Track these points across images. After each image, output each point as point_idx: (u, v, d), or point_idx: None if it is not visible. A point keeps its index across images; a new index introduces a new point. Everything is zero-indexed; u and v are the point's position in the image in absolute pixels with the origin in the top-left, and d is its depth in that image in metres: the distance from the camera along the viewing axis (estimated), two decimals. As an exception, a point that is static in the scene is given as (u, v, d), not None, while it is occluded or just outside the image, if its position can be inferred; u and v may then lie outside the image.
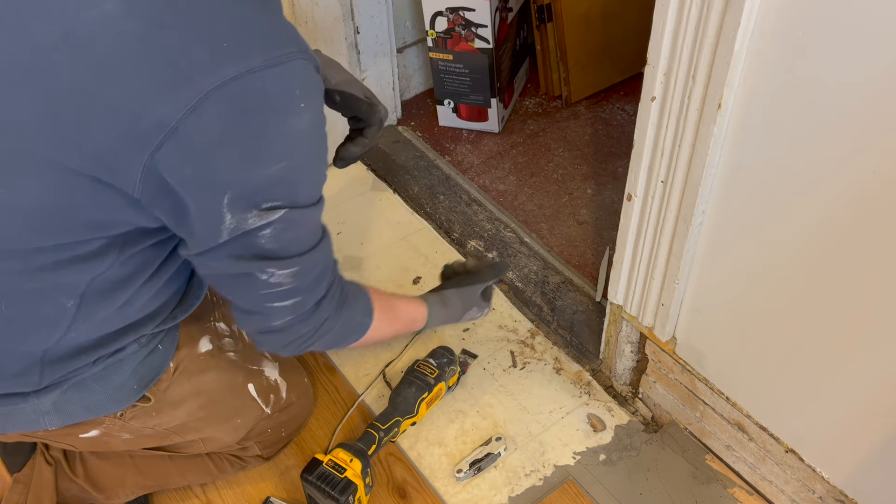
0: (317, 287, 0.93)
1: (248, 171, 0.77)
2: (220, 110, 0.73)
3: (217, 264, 0.85)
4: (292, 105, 0.77)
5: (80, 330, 0.91)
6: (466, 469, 1.30)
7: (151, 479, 1.22)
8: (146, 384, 1.02)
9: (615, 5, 1.92)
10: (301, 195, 0.83)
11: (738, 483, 1.28)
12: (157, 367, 1.03)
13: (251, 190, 0.78)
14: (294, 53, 0.77)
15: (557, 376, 1.46)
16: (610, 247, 1.63)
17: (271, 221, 0.81)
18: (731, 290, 1.10)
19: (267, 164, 0.77)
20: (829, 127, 0.86)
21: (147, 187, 0.77)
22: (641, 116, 1.05)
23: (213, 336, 1.12)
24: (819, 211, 0.92)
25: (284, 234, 0.83)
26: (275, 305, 0.90)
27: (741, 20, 0.85)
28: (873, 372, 0.97)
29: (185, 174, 0.75)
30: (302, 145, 0.80)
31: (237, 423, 1.16)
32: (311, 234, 0.88)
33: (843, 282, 0.94)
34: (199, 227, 0.81)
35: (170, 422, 1.08)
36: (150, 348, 1.01)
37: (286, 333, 0.94)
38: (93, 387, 0.97)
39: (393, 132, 1.96)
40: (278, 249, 0.84)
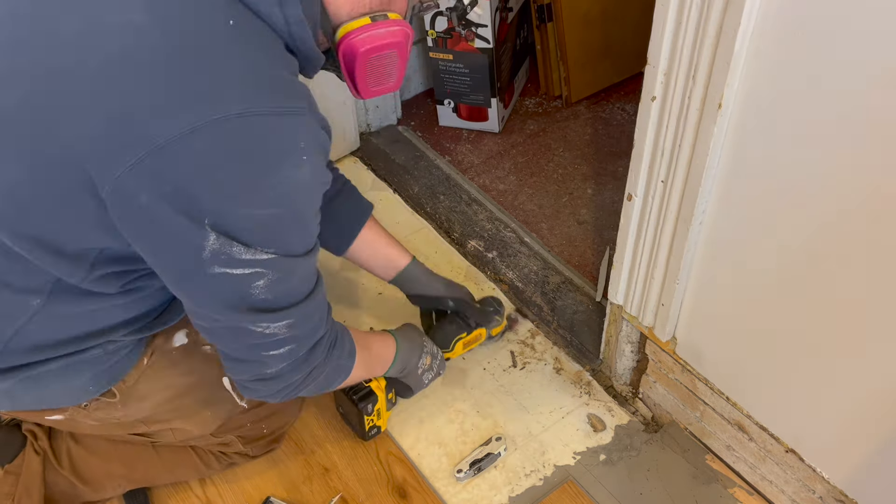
0: (312, 335, 0.92)
1: (233, 204, 0.76)
2: (214, 142, 0.73)
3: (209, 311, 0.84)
4: (294, 156, 0.77)
5: (40, 325, 0.90)
6: (467, 469, 1.30)
7: (138, 473, 1.22)
8: (104, 386, 1.01)
9: (615, 5, 1.92)
10: (294, 244, 0.83)
11: (738, 483, 1.28)
12: (118, 372, 1.02)
13: (235, 224, 0.77)
14: (303, 109, 0.78)
15: (557, 376, 1.46)
16: (610, 247, 1.63)
17: (262, 262, 0.79)
18: (731, 290, 1.10)
19: (256, 206, 0.77)
20: (830, 126, 0.86)
21: (115, 199, 0.75)
22: (641, 116, 1.05)
23: (190, 329, 1.10)
24: (819, 211, 0.92)
25: (278, 285, 0.83)
26: (270, 354, 0.89)
27: (741, 20, 0.85)
28: (873, 372, 0.97)
29: (164, 192, 0.74)
30: (296, 196, 0.80)
31: (206, 416, 1.15)
32: (303, 282, 0.88)
33: (844, 281, 0.94)
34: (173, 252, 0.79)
35: (136, 413, 1.08)
36: (115, 357, 0.99)
37: (278, 381, 0.93)
38: (48, 382, 0.96)
39: (393, 132, 1.96)
40: (272, 300, 0.83)
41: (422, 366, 1.28)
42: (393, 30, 0.87)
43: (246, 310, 0.82)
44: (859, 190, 0.87)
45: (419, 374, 1.29)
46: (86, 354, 0.96)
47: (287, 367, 0.91)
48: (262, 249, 0.79)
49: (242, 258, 0.78)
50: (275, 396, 0.95)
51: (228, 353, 0.91)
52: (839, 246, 0.93)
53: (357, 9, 0.87)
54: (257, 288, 0.81)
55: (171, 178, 0.73)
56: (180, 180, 0.73)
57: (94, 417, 1.05)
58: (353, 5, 0.87)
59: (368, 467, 1.33)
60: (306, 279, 0.88)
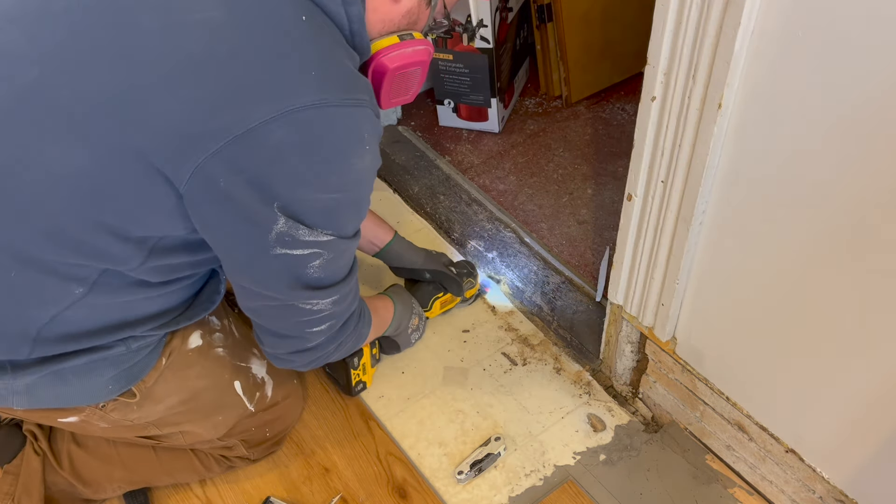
0: (348, 309, 1.00)
1: (302, 190, 0.82)
2: (290, 130, 0.78)
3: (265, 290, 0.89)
4: (359, 146, 0.83)
5: (75, 314, 0.91)
6: (467, 470, 1.30)
7: (138, 475, 1.22)
8: (123, 386, 1.02)
9: (615, 5, 1.92)
10: (348, 226, 0.90)
11: (738, 483, 1.28)
12: (138, 372, 1.02)
13: (302, 208, 0.82)
14: (366, 101, 0.84)
15: (557, 376, 1.46)
16: (610, 247, 1.63)
17: (321, 244, 0.86)
18: (731, 290, 1.10)
19: (323, 191, 0.83)
20: (830, 126, 0.86)
21: (194, 184, 0.80)
22: (641, 116, 1.05)
23: (205, 331, 1.12)
24: (820, 210, 0.92)
25: (331, 264, 0.89)
26: (313, 331, 0.96)
27: (741, 20, 0.85)
28: (874, 372, 0.97)
29: (242, 177, 0.79)
30: (358, 183, 0.87)
31: (218, 420, 1.15)
32: (348, 262, 0.95)
33: (844, 281, 0.94)
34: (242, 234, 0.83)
35: (149, 416, 1.08)
36: (137, 356, 1.00)
37: (314, 352, 1.00)
38: (69, 379, 0.96)
39: (393, 132, 1.97)
40: (323, 279, 0.90)
41: (411, 326, 1.40)
42: (419, 49, 0.94)
43: (300, 288, 0.89)
44: (860, 190, 0.87)
45: (408, 334, 1.41)
46: (110, 351, 0.96)
47: (325, 340, 0.99)
48: (322, 231, 0.85)
49: (305, 239, 0.85)
50: (306, 366, 1.02)
51: (274, 330, 0.97)
52: (839, 246, 0.93)
53: (387, 27, 0.93)
54: (313, 268, 0.88)
55: (249, 165, 0.78)
56: (257, 167, 0.78)
57: (109, 419, 1.05)
58: (385, 24, 0.93)
59: (368, 467, 1.33)
60: (350, 258, 0.95)
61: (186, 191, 0.80)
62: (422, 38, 0.95)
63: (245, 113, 0.77)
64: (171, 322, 1.02)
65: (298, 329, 0.96)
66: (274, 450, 1.30)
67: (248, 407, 1.18)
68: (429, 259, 1.47)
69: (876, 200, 0.86)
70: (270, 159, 0.78)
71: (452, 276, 1.48)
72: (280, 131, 0.77)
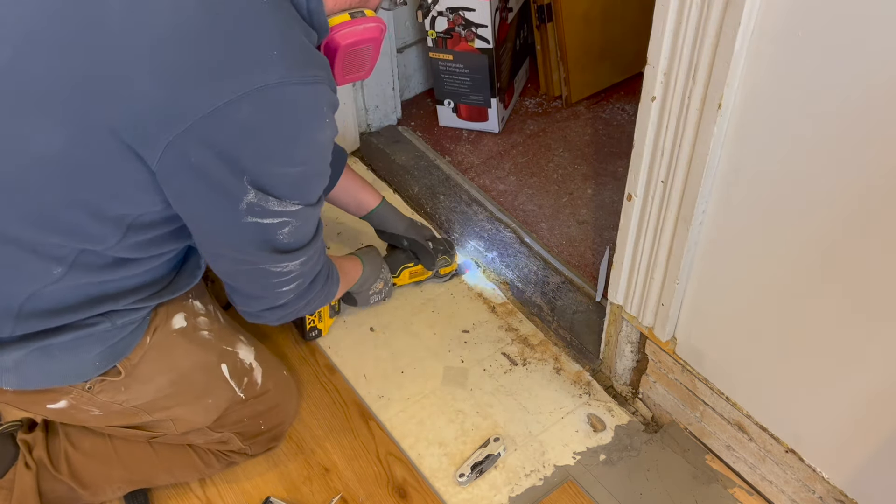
0: (314, 269, 1.05)
1: (270, 165, 0.86)
2: (255, 108, 0.82)
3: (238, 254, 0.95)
4: (319, 120, 0.88)
5: (55, 291, 0.93)
6: (468, 472, 1.30)
7: (137, 474, 1.22)
8: (109, 362, 1.03)
9: (615, 5, 1.92)
10: (313, 195, 0.95)
11: (738, 483, 1.28)
12: (124, 348, 1.04)
13: (270, 181, 0.87)
14: (322, 77, 0.87)
15: (557, 376, 1.46)
16: (610, 247, 1.63)
17: (290, 213, 0.91)
18: (731, 290, 1.10)
19: (289, 164, 0.88)
20: (830, 126, 0.86)
21: (165, 161, 0.83)
22: (641, 116, 1.05)
23: (189, 314, 1.12)
24: (820, 210, 0.92)
25: (299, 230, 0.95)
26: (283, 290, 1.02)
27: (741, 20, 0.85)
28: (874, 372, 0.97)
29: (211, 153, 0.83)
30: (321, 154, 0.92)
31: (208, 403, 1.15)
32: (313, 226, 1.00)
33: (844, 281, 0.94)
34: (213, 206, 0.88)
35: (139, 398, 1.08)
36: (122, 332, 1.02)
37: (284, 308, 1.06)
38: (56, 355, 0.98)
39: (393, 132, 1.96)
40: (292, 243, 0.96)
41: (374, 288, 1.50)
42: (370, 26, 0.97)
43: (271, 252, 0.94)
44: (860, 190, 0.87)
45: (368, 294, 1.50)
46: (96, 328, 0.98)
47: (294, 297, 1.04)
48: (290, 201, 0.90)
49: (274, 209, 0.89)
50: (278, 321, 1.08)
51: (247, 291, 1.03)
52: (839, 246, 0.93)
53: (339, 4, 0.96)
54: (283, 234, 0.93)
55: (218, 142, 0.82)
56: (225, 143, 0.82)
57: (98, 403, 1.05)
58: (336, 1, 0.96)
59: (368, 467, 1.33)
60: (316, 222, 1.00)
61: (158, 168, 0.84)
62: (373, 16, 0.98)
63: (211, 92, 0.80)
64: (153, 296, 1.03)
65: (269, 289, 1.01)
66: (273, 445, 1.30)
67: (238, 392, 1.18)
68: (411, 228, 1.54)
69: (877, 200, 0.86)
70: (238, 137, 0.83)
71: (428, 250, 1.54)
72: (246, 109, 0.81)
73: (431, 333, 1.53)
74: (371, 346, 1.52)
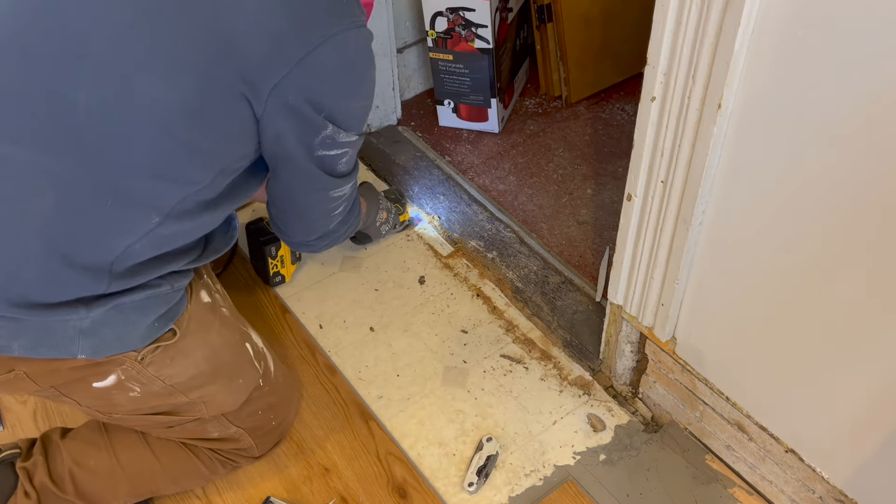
0: (354, 191, 1.19)
1: (345, 101, 1.00)
2: (333, 52, 0.94)
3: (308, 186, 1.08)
4: (371, 58, 1.02)
5: (147, 243, 0.98)
6: (476, 480, 1.29)
7: (143, 486, 1.21)
8: (166, 324, 1.05)
9: (615, 5, 1.92)
10: (364, 125, 1.08)
11: (738, 483, 1.28)
12: (178, 310, 1.07)
13: (343, 115, 1.00)
14: (364, 20, 1.00)
15: (557, 376, 1.46)
16: (610, 247, 1.63)
17: (350, 143, 1.04)
18: (730, 290, 1.10)
19: (357, 98, 1.02)
20: (830, 127, 0.86)
21: (270, 107, 0.94)
22: (641, 116, 1.05)
23: (208, 290, 1.14)
24: (819, 211, 0.92)
25: (353, 158, 1.09)
26: (335, 213, 1.15)
27: (741, 20, 0.85)
28: (873, 372, 0.97)
29: (302, 97, 0.95)
30: (373, 87, 1.05)
31: (238, 384, 1.16)
32: (357, 154, 1.13)
33: (843, 281, 0.94)
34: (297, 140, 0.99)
35: (180, 374, 1.08)
36: (177, 294, 1.06)
37: (334, 234, 1.20)
38: (130, 315, 1.00)
39: (393, 132, 1.97)
40: (346, 170, 1.09)
41: (379, 219, 1.62)
42: None
43: (335, 177, 1.08)
44: (860, 190, 0.87)
45: (377, 227, 1.63)
46: (160, 289, 1.02)
47: (340, 221, 1.18)
48: (353, 133, 1.04)
49: (341, 141, 1.02)
50: (325, 247, 1.22)
51: (308, 220, 1.15)
52: (839, 246, 0.93)
53: None
54: (342, 163, 1.07)
55: (308, 86, 0.95)
56: (313, 86, 0.95)
57: (144, 377, 1.05)
58: None
59: (368, 467, 1.33)
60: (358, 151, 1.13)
61: (263, 113, 0.95)
62: None
63: (301, 42, 0.92)
64: (200, 258, 1.09)
65: (327, 215, 1.15)
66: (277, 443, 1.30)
67: (259, 374, 1.19)
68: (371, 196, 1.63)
69: (877, 201, 0.86)
70: (323, 79, 0.95)
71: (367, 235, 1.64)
72: (327, 54, 0.93)
73: (431, 333, 1.53)
74: (371, 346, 1.52)
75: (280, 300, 1.60)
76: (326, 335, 1.54)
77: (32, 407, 1.43)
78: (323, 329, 1.55)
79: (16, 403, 1.44)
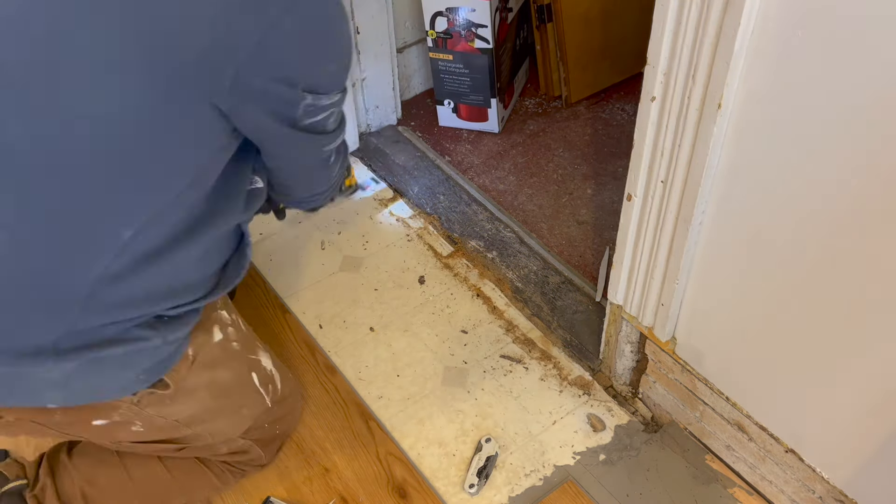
0: (344, 145, 1.18)
1: (317, 68, 0.95)
2: (293, 23, 0.87)
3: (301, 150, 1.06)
4: (338, 11, 0.95)
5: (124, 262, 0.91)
6: (477, 481, 1.29)
7: (156, 501, 1.21)
8: (154, 377, 1.01)
9: (615, 5, 1.92)
10: (345, 81, 1.04)
11: (738, 483, 1.28)
12: (169, 363, 1.02)
13: (319, 81, 0.96)
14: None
15: (557, 376, 1.46)
16: (610, 247, 1.63)
17: (334, 103, 1.01)
18: (730, 290, 1.10)
19: (331, 60, 0.97)
20: (830, 127, 0.86)
21: (235, 98, 0.88)
22: (641, 116, 1.05)
23: (221, 325, 1.12)
24: (819, 211, 0.92)
25: (339, 115, 1.07)
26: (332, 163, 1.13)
27: (741, 20, 0.85)
28: (874, 372, 0.97)
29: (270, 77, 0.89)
30: (349, 45, 1.01)
31: (244, 414, 1.16)
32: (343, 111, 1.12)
33: (843, 281, 0.94)
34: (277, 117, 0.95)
35: (183, 411, 1.07)
36: (170, 346, 1.00)
37: (334, 185, 1.20)
38: (108, 369, 0.95)
39: (393, 132, 1.97)
40: (336, 125, 1.07)
41: None
42: None
43: (324, 136, 1.05)
44: (860, 190, 0.87)
45: None
46: (148, 343, 0.97)
47: (337, 170, 1.17)
48: (334, 93, 1.00)
49: (324, 104, 0.98)
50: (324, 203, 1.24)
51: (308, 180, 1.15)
52: (839, 246, 0.93)
53: None
54: (330, 122, 1.04)
55: (273, 63, 0.88)
56: (280, 62, 0.89)
57: (144, 416, 1.04)
58: None
59: (368, 467, 1.33)
60: None
61: (230, 103, 0.89)
62: None
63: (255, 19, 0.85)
64: (207, 295, 1.03)
65: (323, 167, 1.13)
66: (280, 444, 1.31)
67: (266, 400, 1.18)
68: None
69: (878, 200, 0.86)
70: (288, 53, 0.89)
71: None
72: (286, 27, 0.87)
73: (431, 333, 1.53)
74: (371, 346, 1.52)
75: (280, 300, 1.60)
76: (326, 335, 1.54)
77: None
78: (323, 329, 1.55)
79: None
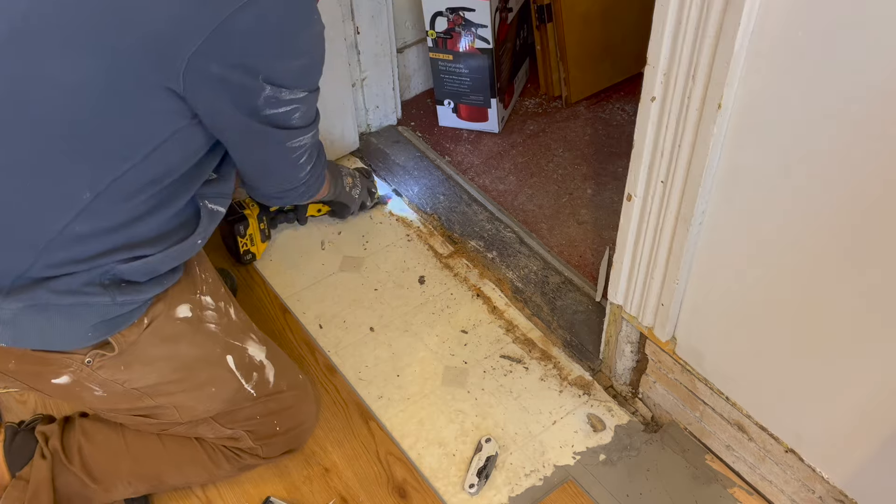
0: (317, 141, 1.18)
1: (278, 62, 0.96)
2: (255, 14, 0.89)
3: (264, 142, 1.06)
4: (311, 14, 0.98)
5: (83, 226, 0.97)
6: (476, 481, 1.29)
7: (145, 468, 1.22)
8: (101, 336, 1.04)
9: (615, 5, 1.92)
10: (315, 81, 1.05)
11: (738, 483, 1.28)
12: (118, 324, 1.05)
13: (280, 75, 0.97)
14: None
15: (557, 376, 1.46)
16: (610, 247, 1.63)
17: (298, 100, 1.02)
18: (730, 290, 1.10)
19: (293, 58, 0.97)
20: (829, 127, 0.86)
21: (190, 81, 0.90)
22: (641, 116, 1.05)
23: (195, 306, 1.14)
24: (819, 211, 0.92)
25: (307, 112, 1.07)
26: (302, 162, 1.15)
27: (741, 20, 0.85)
28: (873, 372, 0.97)
29: (228, 64, 0.91)
30: (316, 44, 1.02)
31: (211, 392, 1.15)
32: (316, 107, 1.12)
33: (843, 282, 0.94)
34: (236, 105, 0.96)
35: (140, 380, 1.09)
36: (121, 308, 1.04)
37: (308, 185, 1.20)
38: (54, 318, 1.00)
39: (393, 132, 1.97)
40: (303, 123, 1.08)
41: (347, 185, 1.63)
42: None
43: (285, 130, 1.06)
44: (859, 191, 0.87)
45: (348, 192, 1.64)
46: (96, 299, 1.01)
47: (310, 169, 1.18)
48: (298, 90, 1.01)
49: (286, 99, 1.00)
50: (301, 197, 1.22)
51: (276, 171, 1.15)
52: (839, 246, 0.93)
53: None
54: (295, 118, 1.04)
55: (231, 50, 0.90)
56: (238, 50, 0.91)
57: (98, 380, 1.06)
58: None
59: (368, 467, 1.33)
60: (316, 104, 1.11)
61: (185, 85, 0.91)
62: None
63: (214, 8, 0.87)
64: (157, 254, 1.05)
65: (292, 165, 1.13)
66: (292, 449, 1.29)
67: (245, 386, 1.18)
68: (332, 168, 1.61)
69: (878, 201, 0.86)
70: (246, 42, 0.91)
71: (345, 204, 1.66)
72: (248, 17, 0.88)
73: (431, 333, 1.53)
74: (371, 346, 1.52)
75: (280, 300, 1.60)
76: (326, 335, 1.54)
77: (32, 406, 1.43)
78: (323, 329, 1.55)
79: (16, 403, 1.44)
